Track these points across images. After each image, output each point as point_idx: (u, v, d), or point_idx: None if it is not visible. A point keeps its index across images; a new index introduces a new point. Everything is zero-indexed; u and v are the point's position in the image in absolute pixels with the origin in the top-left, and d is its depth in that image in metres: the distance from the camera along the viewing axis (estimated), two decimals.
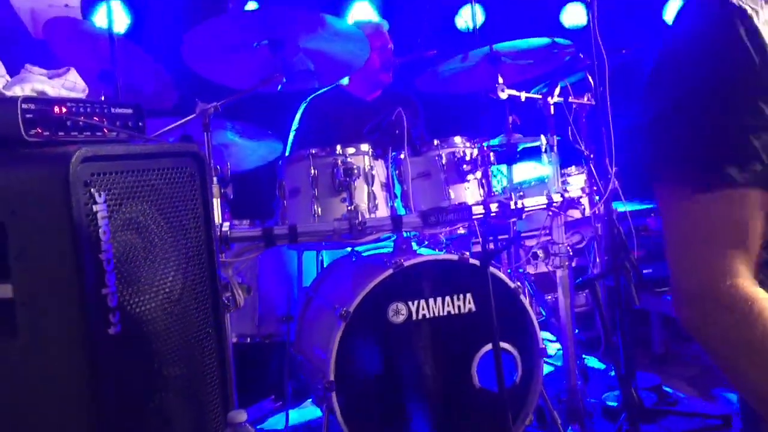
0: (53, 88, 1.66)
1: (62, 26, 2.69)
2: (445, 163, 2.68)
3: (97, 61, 2.54)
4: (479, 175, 2.71)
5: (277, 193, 2.68)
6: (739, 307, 0.93)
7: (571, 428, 2.80)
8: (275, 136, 3.12)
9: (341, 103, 3.53)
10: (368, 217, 2.51)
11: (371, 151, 2.64)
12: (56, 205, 1.37)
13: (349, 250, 3.00)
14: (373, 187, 2.60)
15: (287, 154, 3.33)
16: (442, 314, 2.54)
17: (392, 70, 3.54)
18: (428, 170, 2.69)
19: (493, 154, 2.79)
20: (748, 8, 0.96)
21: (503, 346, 2.48)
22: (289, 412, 2.99)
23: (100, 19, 3.62)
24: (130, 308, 1.50)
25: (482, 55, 2.90)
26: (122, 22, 3.73)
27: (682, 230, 0.98)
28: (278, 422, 3.14)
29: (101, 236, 1.42)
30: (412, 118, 2.75)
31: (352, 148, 2.60)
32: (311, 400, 3.19)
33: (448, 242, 3.03)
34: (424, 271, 2.55)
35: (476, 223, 2.64)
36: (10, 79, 1.66)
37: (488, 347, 2.51)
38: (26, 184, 1.41)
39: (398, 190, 2.71)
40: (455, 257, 2.59)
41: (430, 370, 2.53)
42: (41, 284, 1.41)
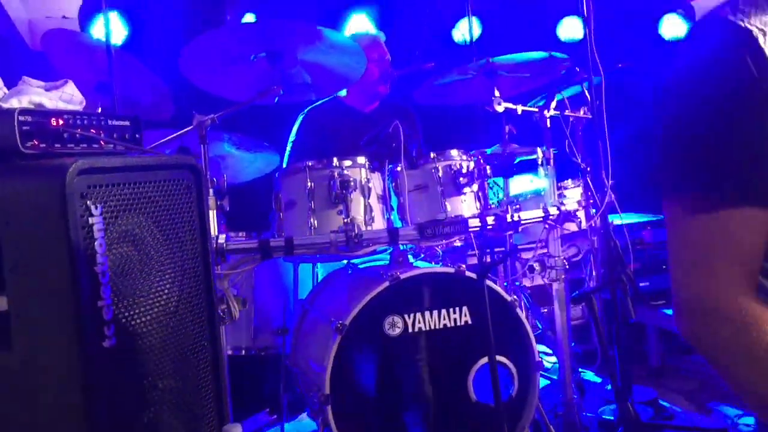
0: (51, 100, 1.66)
1: (60, 38, 2.69)
2: (441, 175, 2.68)
3: (94, 72, 2.54)
4: (476, 187, 2.71)
5: (273, 205, 2.68)
6: (736, 317, 0.97)
7: None
8: (272, 148, 3.12)
9: (338, 115, 3.53)
10: (365, 229, 2.51)
11: (368, 163, 2.65)
12: (52, 217, 1.37)
13: (345, 262, 3.00)
14: (369, 199, 2.60)
15: (284, 166, 3.33)
16: (438, 327, 2.54)
17: (390, 81, 3.54)
18: (425, 183, 2.69)
19: (489, 166, 2.79)
20: (754, 29, 0.98)
21: (499, 359, 2.47)
22: (284, 425, 2.97)
23: (97, 30, 3.64)
24: (125, 321, 1.50)
25: (479, 67, 2.91)
26: (120, 33, 3.74)
27: (684, 244, 1.02)
28: None
29: (97, 249, 1.42)
30: (409, 130, 2.75)
31: (348, 160, 2.61)
32: (307, 413, 3.17)
33: (444, 255, 3.03)
34: (420, 283, 2.55)
35: (473, 235, 2.64)
36: (7, 91, 1.66)
37: (484, 360, 2.50)
38: (22, 196, 1.41)
39: (395, 202, 2.71)
40: (452, 270, 2.59)
41: (426, 383, 2.52)
42: (36, 296, 1.40)
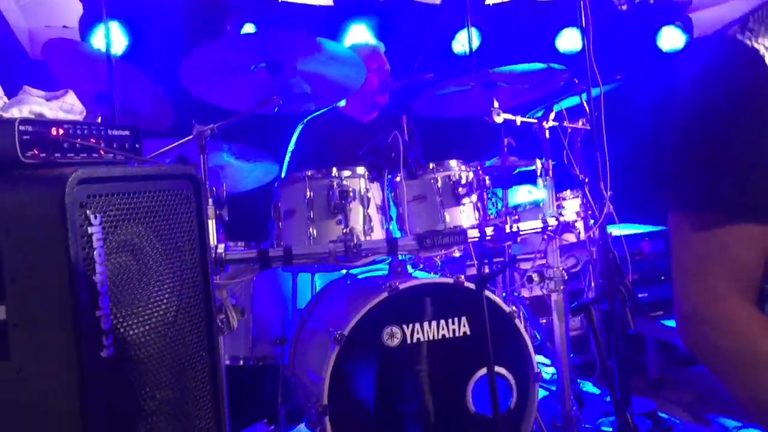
0: (51, 110, 1.66)
1: (60, 47, 2.70)
2: (440, 186, 2.69)
3: (94, 82, 2.54)
4: (475, 198, 2.72)
5: (272, 214, 2.68)
6: (730, 326, 1.01)
7: None
8: (271, 157, 3.12)
9: (337, 125, 3.53)
10: (363, 239, 2.51)
11: (367, 173, 2.65)
12: (52, 226, 1.37)
13: (344, 272, 3.00)
14: (368, 209, 2.60)
15: (283, 176, 3.33)
16: (437, 338, 2.53)
17: (389, 92, 3.55)
18: (424, 193, 2.70)
19: (488, 177, 2.80)
20: (761, 48, 0.98)
21: (498, 370, 2.47)
22: None
23: (98, 40, 3.64)
24: (123, 331, 1.50)
25: (478, 78, 2.92)
26: (120, 43, 3.74)
27: (686, 256, 1.06)
28: None
29: (96, 258, 1.42)
30: (408, 140, 2.76)
31: (348, 170, 2.61)
32: (305, 423, 3.15)
33: (443, 265, 3.03)
34: (419, 294, 2.55)
35: (471, 246, 2.65)
36: (8, 100, 1.66)
37: (483, 371, 2.50)
38: (22, 205, 1.41)
39: (394, 212, 2.72)
40: (450, 280, 2.58)
41: (424, 394, 2.51)
42: (35, 306, 1.40)
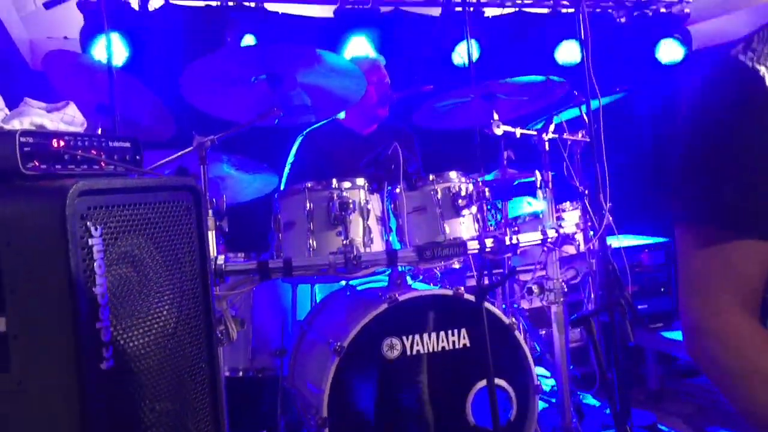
0: (52, 121, 1.67)
1: (61, 58, 2.70)
2: (440, 197, 2.69)
3: (95, 93, 2.55)
4: (474, 210, 2.72)
5: (272, 226, 2.68)
6: (728, 341, 1.04)
7: None
8: (271, 169, 3.13)
9: (337, 136, 3.54)
10: (363, 251, 2.51)
11: (367, 185, 2.65)
12: (52, 238, 1.37)
13: (343, 283, 2.99)
14: (368, 221, 2.60)
15: (283, 187, 3.34)
16: (436, 350, 2.53)
17: (389, 104, 3.56)
18: (424, 205, 2.70)
19: (488, 189, 2.80)
20: (762, 68, 0.99)
21: (498, 382, 2.47)
22: None
23: (98, 51, 3.66)
24: (123, 342, 1.49)
25: (478, 90, 2.93)
26: (121, 54, 3.76)
27: (689, 270, 1.10)
28: None
29: (96, 270, 1.42)
30: (408, 152, 2.77)
31: (347, 182, 2.61)
32: None
33: (443, 277, 3.03)
34: (418, 306, 2.55)
35: (471, 258, 2.65)
36: (9, 112, 1.67)
37: (483, 383, 2.49)
38: (23, 216, 1.41)
39: (393, 224, 2.72)
40: (450, 292, 2.58)
41: (424, 406, 2.51)
42: (34, 318, 1.40)
